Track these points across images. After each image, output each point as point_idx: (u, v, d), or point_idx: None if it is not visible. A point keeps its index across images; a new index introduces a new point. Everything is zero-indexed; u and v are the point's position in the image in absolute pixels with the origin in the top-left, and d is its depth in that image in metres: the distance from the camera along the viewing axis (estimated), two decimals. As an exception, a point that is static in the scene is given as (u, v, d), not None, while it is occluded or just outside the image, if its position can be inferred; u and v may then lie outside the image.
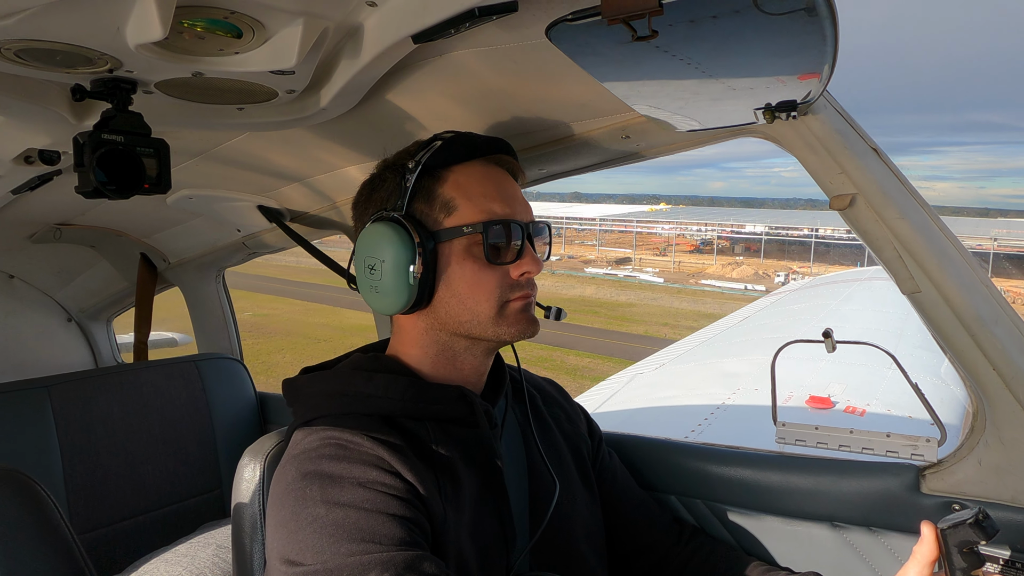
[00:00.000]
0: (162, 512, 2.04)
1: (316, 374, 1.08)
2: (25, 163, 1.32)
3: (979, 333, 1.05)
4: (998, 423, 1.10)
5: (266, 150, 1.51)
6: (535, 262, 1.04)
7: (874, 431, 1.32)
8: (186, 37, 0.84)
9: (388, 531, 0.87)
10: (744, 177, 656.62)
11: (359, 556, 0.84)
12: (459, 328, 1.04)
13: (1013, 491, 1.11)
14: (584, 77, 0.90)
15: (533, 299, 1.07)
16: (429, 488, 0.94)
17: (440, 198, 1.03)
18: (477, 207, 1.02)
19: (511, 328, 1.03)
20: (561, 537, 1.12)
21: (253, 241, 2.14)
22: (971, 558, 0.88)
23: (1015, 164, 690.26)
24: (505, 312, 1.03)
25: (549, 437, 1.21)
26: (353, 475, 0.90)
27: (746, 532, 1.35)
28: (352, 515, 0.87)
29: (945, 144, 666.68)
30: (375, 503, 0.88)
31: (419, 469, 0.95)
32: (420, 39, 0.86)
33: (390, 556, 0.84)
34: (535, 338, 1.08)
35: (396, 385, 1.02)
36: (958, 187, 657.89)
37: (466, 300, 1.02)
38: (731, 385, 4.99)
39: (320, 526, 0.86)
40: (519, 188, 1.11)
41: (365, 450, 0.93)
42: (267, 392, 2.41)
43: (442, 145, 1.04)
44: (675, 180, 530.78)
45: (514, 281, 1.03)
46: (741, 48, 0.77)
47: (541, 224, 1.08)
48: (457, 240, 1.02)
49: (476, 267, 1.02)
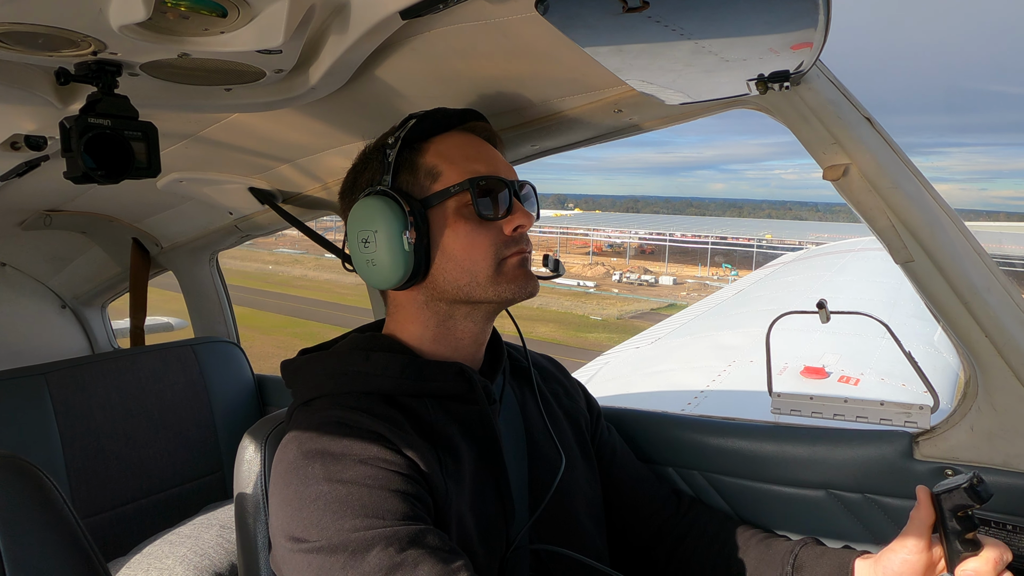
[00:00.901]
0: (164, 495, 2.05)
1: (314, 355, 1.09)
2: (11, 149, 1.31)
3: (972, 301, 1.06)
4: (990, 389, 1.11)
5: (256, 131, 1.50)
6: (527, 215, 1.04)
7: (868, 399, 1.34)
8: (170, 17, 0.83)
9: (391, 506, 0.88)
10: (744, 179, 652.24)
11: (363, 531, 0.85)
12: (458, 293, 1.04)
13: (1005, 456, 1.13)
14: (575, 51, 0.89)
15: (529, 255, 1.07)
16: (430, 463, 0.95)
17: (423, 167, 1.04)
18: (461, 169, 1.03)
19: (510, 285, 1.03)
20: (561, 510, 1.14)
21: (246, 223, 2.13)
22: (965, 522, 0.90)
23: (1016, 166, 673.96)
24: (503, 269, 1.03)
25: (550, 412, 1.22)
26: (355, 452, 0.91)
27: (743, 502, 1.37)
28: (355, 491, 0.88)
29: (947, 145, 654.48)
30: (377, 479, 0.89)
31: (419, 445, 0.96)
32: (408, 15, 0.85)
33: (394, 530, 0.85)
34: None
35: (394, 363, 1.02)
36: (960, 188, 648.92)
37: (463, 262, 1.02)
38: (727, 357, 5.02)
39: (324, 503, 0.87)
40: (499, 152, 1.12)
41: (366, 427, 0.94)
42: (265, 375, 2.41)
43: (418, 120, 1.05)
44: (675, 182, 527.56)
45: (508, 237, 1.04)
46: (733, 17, 0.76)
47: (526, 183, 1.09)
48: (447, 203, 1.02)
49: (469, 227, 1.02)
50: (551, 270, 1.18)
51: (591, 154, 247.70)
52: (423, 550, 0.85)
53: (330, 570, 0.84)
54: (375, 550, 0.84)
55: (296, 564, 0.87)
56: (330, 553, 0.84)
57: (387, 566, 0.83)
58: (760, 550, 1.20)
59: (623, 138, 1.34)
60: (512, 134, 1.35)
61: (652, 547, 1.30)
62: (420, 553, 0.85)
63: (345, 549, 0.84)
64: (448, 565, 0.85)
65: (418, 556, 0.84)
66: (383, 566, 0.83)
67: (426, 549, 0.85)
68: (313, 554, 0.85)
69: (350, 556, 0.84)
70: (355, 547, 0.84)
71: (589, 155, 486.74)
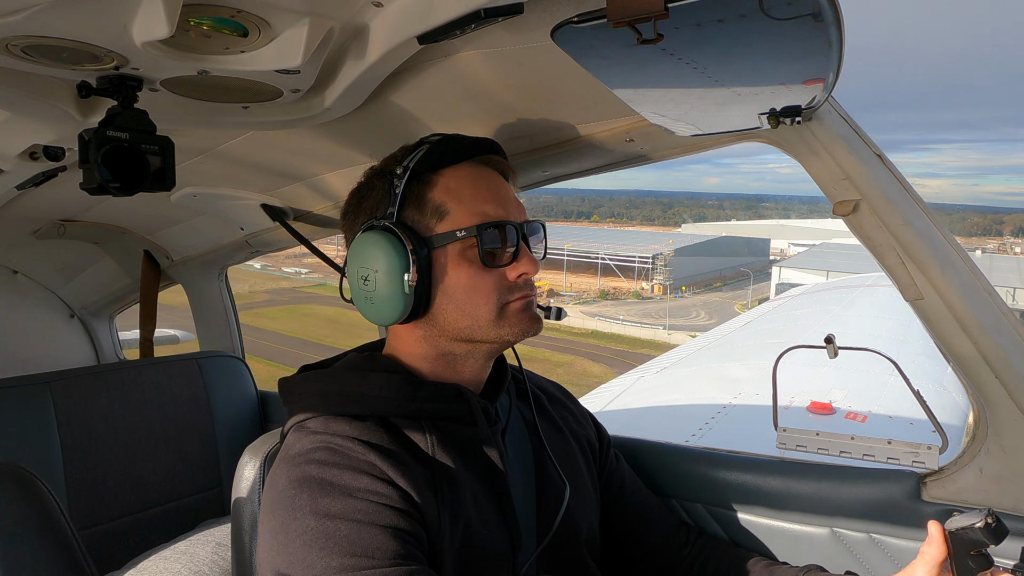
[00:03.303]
0: (162, 509, 2.04)
1: (311, 373, 1.07)
2: (30, 159, 1.33)
3: (982, 341, 1.05)
4: (1000, 431, 1.10)
5: (270, 149, 1.51)
6: (532, 263, 1.02)
7: (875, 438, 1.32)
8: (192, 35, 0.85)
9: (381, 544, 0.85)
10: (739, 173, 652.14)
11: (351, 572, 0.82)
12: (459, 334, 1.02)
13: (1015, 500, 1.11)
14: (589, 80, 0.90)
15: (534, 298, 1.05)
16: (424, 494, 0.92)
17: (431, 203, 1.01)
18: (469, 210, 1.00)
19: (513, 328, 1.02)
20: (568, 539, 1.11)
21: (256, 240, 2.15)
22: (980, 560, 0.88)
23: (1007, 161, 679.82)
24: (506, 313, 1.01)
25: (560, 438, 1.19)
26: (343, 482, 0.88)
27: (746, 536, 1.35)
28: (343, 527, 0.85)
29: (939, 141, 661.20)
30: (367, 514, 0.86)
31: (414, 474, 0.93)
32: (425, 40, 0.86)
33: (383, 572, 0.83)
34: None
35: (390, 383, 1.00)
36: (952, 184, 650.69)
37: (464, 306, 1.00)
38: (732, 390, 4.99)
39: (311, 539, 0.84)
40: (511, 188, 1.09)
41: (356, 455, 0.91)
42: (268, 391, 2.41)
43: (429, 148, 1.02)
44: (671, 176, 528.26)
45: (512, 283, 1.02)
46: (747, 53, 0.77)
47: (535, 223, 1.07)
48: (451, 245, 1.00)
49: (472, 272, 1.00)
50: (554, 318, 1.16)
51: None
52: None
53: None
54: None
55: None
56: None
57: None
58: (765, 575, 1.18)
59: (635, 166, 1.35)
60: (524, 160, 1.35)
61: None
62: None
63: None
64: None
65: None
66: None
67: None
68: None
69: None
70: None
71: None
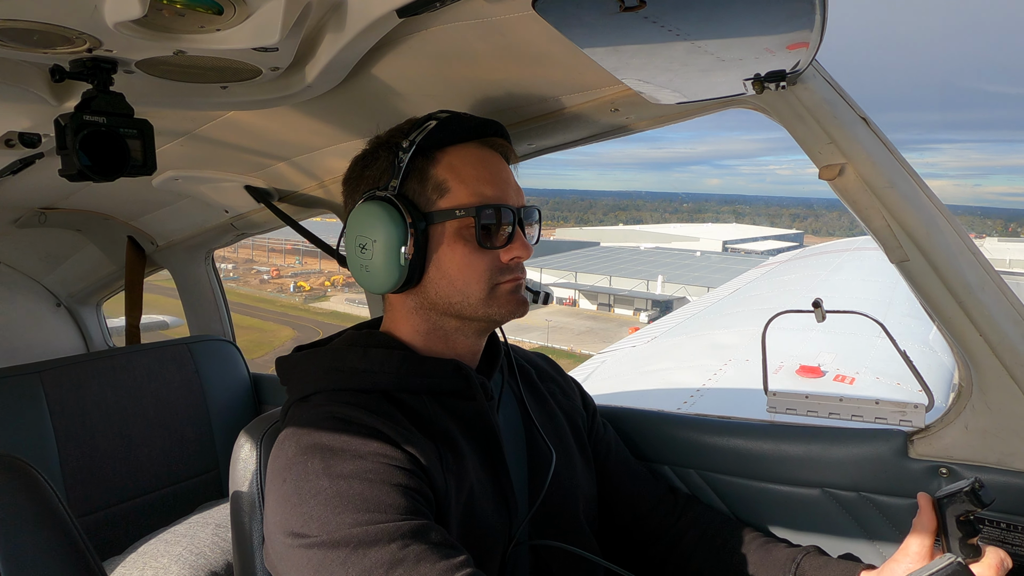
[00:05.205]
0: (160, 494, 2.05)
1: (310, 351, 1.09)
2: (6, 146, 1.30)
3: (967, 300, 1.06)
4: (984, 388, 1.12)
5: (252, 129, 1.49)
6: (525, 247, 1.05)
7: (863, 398, 1.34)
8: (165, 14, 0.83)
9: (392, 501, 0.88)
10: (739, 174, 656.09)
11: (364, 526, 0.85)
12: (449, 308, 1.04)
13: (999, 454, 1.13)
14: (572, 50, 0.89)
15: (523, 281, 1.08)
16: (430, 459, 0.95)
17: (433, 179, 1.03)
18: (470, 190, 1.02)
19: (502, 308, 1.04)
20: (561, 507, 1.14)
21: (241, 222, 2.13)
22: (967, 527, 0.90)
23: (1009, 162, 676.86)
24: (496, 293, 1.04)
25: (546, 409, 1.23)
26: (354, 447, 0.91)
27: (739, 500, 1.38)
28: (356, 486, 0.88)
29: (940, 141, 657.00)
30: (378, 474, 0.89)
31: (419, 441, 0.96)
32: (405, 12, 0.84)
33: (396, 526, 0.85)
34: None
35: (390, 360, 1.02)
36: (953, 185, 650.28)
37: (456, 282, 1.03)
38: (723, 356, 5.04)
39: (325, 498, 0.87)
40: (511, 172, 1.11)
41: (364, 422, 0.94)
42: (261, 373, 2.41)
43: (437, 125, 1.03)
44: (671, 177, 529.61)
45: (504, 265, 1.04)
46: (729, 17, 0.76)
47: (532, 208, 1.09)
48: (449, 223, 1.02)
49: (467, 250, 1.02)
50: (541, 302, 1.18)
51: (587, 149, 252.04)
52: (425, 546, 0.85)
53: (331, 565, 0.84)
54: (377, 545, 0.83)
55: (295, 560, 0.87)
56: (331, 548, 0.84)
57: (388, 562, 0.83)
58: (760, 555, 1.20)
59: (620, 136, 1.35)
60: (509, 132, 1.35)
61: (649, 545, 1.30)
62: (422, 549, 0.85)
63: (346, 544, 0.84)
64: (450, 561, 0.85)
65: (420, 552, 0.84)
66: (384, 562, 0.83)
67: (428, 545, 0.85)
68: (313, 549, 0.85)
69: (351, 551, 0.83)
70: (356, 542, 0.84)
71: (585, 150, 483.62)
